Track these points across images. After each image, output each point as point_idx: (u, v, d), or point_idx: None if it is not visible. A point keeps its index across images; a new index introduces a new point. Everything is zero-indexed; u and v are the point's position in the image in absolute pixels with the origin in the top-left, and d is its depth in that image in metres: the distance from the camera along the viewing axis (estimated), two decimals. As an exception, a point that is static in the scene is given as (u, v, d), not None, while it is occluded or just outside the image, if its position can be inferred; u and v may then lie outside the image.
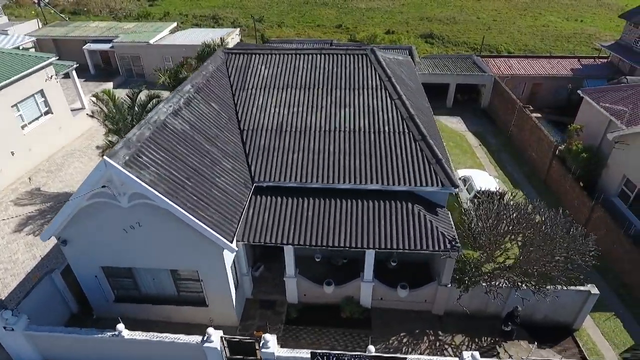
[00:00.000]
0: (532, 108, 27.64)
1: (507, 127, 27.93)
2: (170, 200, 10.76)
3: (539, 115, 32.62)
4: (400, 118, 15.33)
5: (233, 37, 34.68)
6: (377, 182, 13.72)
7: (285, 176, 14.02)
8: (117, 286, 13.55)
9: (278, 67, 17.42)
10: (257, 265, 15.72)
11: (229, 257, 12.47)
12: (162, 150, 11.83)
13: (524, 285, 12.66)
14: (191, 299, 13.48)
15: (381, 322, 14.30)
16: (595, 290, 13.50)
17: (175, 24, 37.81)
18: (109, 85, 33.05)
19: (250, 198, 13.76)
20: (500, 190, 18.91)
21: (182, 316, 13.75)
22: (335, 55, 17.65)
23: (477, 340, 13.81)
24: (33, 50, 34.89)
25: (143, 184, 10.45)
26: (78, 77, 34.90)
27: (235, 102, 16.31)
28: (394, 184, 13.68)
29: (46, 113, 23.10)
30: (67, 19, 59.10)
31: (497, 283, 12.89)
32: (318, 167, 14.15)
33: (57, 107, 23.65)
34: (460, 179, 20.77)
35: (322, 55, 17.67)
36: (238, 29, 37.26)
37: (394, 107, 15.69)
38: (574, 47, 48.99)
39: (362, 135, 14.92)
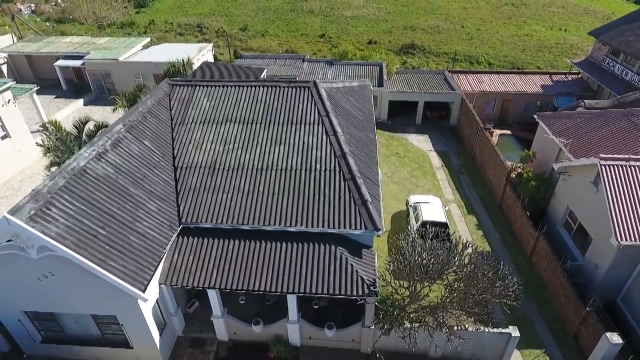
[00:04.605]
0: (492, 130, 27.66)
1: (471, 147, 27.98)
2: (77, 253, 10.88)
3: (508, 132, 32.77)
4: (333, 155, 15.40)
5: (204, 54, 34.76)
6: (302, 224, 13.81)
7: (212, 217, 14.12)
8: (42, 328, 13.73)
9: (219, 99, 17.49)
10: (191, 301, 15.85)
11: (147, 302, 12.57)
12: (77, 199, 11.94)
13: (439, 329, 12.73)
14: (115, 341, 13.64)
15: (309, 362, 14.43)
16: (516, 333, 13.57)
17: (148, 39, 37.90)
18: (80, 102, 33.22)
19: (177, 240, 13.87)
20: (445, 221, 19.10)
21: (109, 357, 13.93)
22: (277, 87, 17.73)
23: (400, 381, 13.92)
24: (5, 67, 35.06)
25: (47, 238, 10.58)
26: (50, 94, 35.17)
27: (174, 137, 16.41)
28: (319, 226, 13.76)
29: (3, 137, 23.25)
30: (51, 27, 59.28)
31: (413, 327, 12.95)
32: (246, 208, 14.24)
33: (16, 131, 23.80)
34: (410, 206, 20.88)
35: (264, 88, 17.75)
36: (211, 45, 37.27)
37: (328, 144, 15.75)
38: (554, 58, 48.99)
39: (294, 174, 14.99)
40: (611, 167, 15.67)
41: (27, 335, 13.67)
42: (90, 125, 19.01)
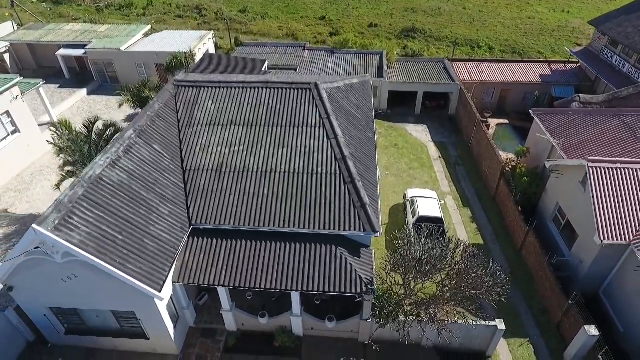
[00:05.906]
0: (488, 122, 28.22)
1: (469, 138, 28.63)
2: (98, 258, 11.84)
3: (505, 121, 33.33)
4: (334, 159, 16.15)
5: (205, 42, 34.85)
6: (305, 226, 14.72)
7: (221, 219, 15.02)
8: (66, 321, 14.89)
9: (224, 102, 18.09)
10: (201, 294, 16.98)
11: (162, 300, 13.63)
12: (95, 207, 12.80)
13: (430, 323, 13.86)
14: (133, 332, 14.81)
15: (311, 350, 15.65)
16: (502, 326, 14.72)
17: (149, 27, 37.83)
18: (83, 92, 33.61)
19: (188, 240, 14.82)
20: (440, 216, 20.05)
21: (127, 346, 15.15)
22: (279, 89, 18.29)
23: (395, 369, 15.18)
24: (8, 55, 35.24)
25: (71, 246, 11.52)
26: (53, 82, 35.44)
27: (181, 139, 17.12)
28: (320, 228, 14.67)
29: (13, 132, 23.90)
30: (49, 10, 58.58)
31: (407, 321, 14.07)
32: (251, 210, 15.12)
33: (25, 126, 24.43)
34: (408, 200, 21.79)
35: (267, 90, 18.32)
36: (212, 33, 37.24)
37: (329, 147, 16.48)
38: (555, 42, 48.84)
39: (297, 177, 15.80)
40: (598, 169, 16.45)
41: (52, 327, 14.84)
42: (99, 124, 19.67)
